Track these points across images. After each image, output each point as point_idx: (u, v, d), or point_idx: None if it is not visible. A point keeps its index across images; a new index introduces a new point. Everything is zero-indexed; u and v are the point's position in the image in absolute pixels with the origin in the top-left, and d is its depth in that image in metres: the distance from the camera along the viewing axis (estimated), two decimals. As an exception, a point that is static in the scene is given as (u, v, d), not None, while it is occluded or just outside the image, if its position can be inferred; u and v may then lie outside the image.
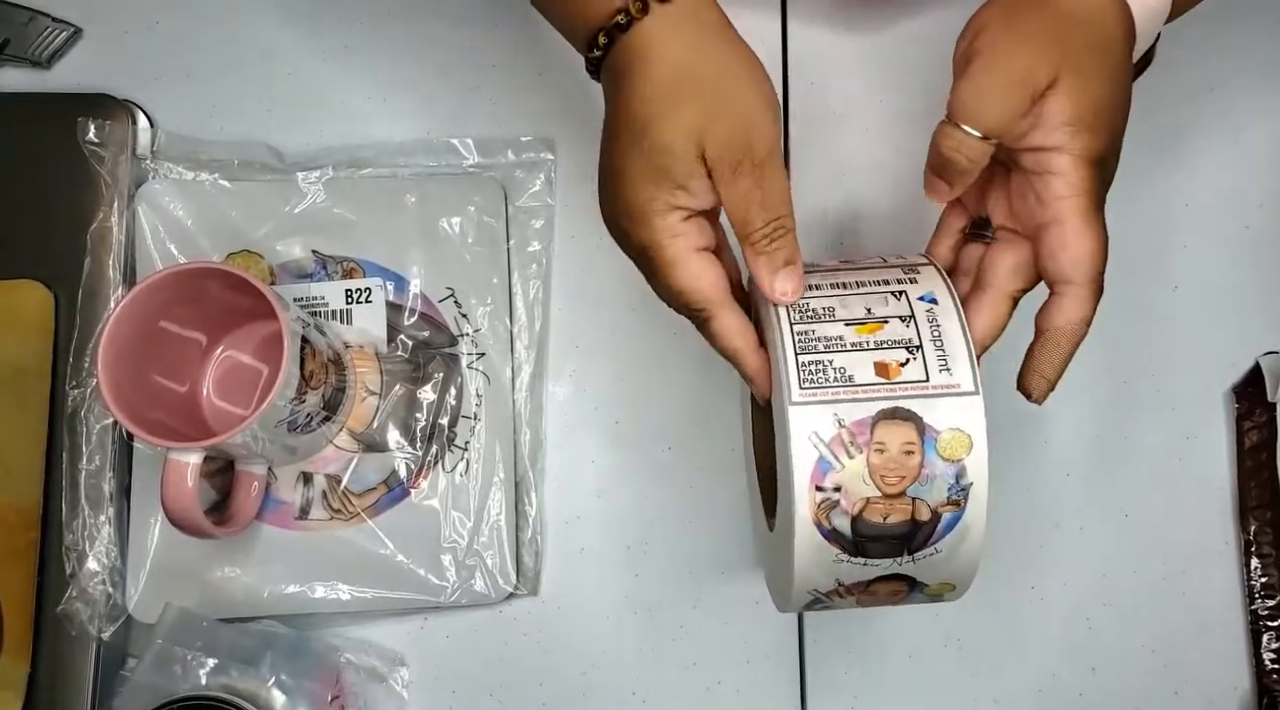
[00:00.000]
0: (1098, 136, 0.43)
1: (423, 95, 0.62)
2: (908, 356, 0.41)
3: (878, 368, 0.40)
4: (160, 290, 0.50)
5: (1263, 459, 0.57)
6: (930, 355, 0.41)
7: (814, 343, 0.42)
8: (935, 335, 0.41)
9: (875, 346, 0.41)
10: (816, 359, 0.41)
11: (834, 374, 0.41)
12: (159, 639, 0.51)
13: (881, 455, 0.40)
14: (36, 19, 0.61)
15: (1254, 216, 0.61)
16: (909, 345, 0.41)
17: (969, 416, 0.40)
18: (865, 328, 0.41)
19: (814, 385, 0.41)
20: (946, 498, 0.40)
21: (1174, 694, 0.57)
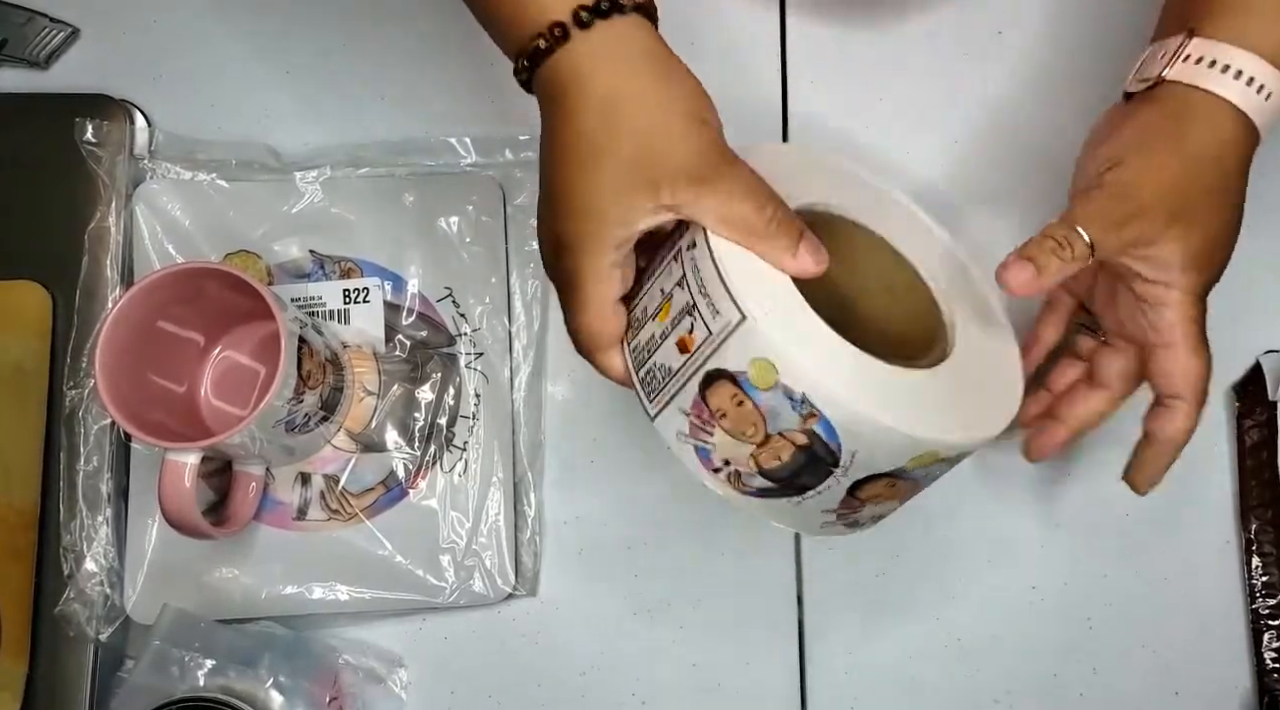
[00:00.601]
0: (1205, 272, 0.47)
1: (420, 94, 0.62)
2: (691, 321, 0.42)
3: (680, 346, 0.42)
4: (158, 290, 0.50)
5: (1263, 458, 0.57)
6: (702, 309, 0.41)
7: (641, 353, 0.44)
8: (700, 286, 0.42)
9: (673, 327, 0.42)
10: (648, 368, 0.43)
11: (660, 374, 0.43)
12: (157, 640, 0.51)
13: (727, 418, 0.42)
14: (34, 19, 0.61)
15: (1253, 216, 0.61)
16: (689, 309, 0.42)
17: (754, 343, 0.40)
18: (663, 314, 0.43)
19: (655, 393, 0.43)
20: (800, 418, 0.41)
21: (1174, 694, 0.57)
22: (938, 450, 0.43)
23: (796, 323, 0.42)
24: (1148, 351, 0.48)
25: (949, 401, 0.44)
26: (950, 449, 0.43)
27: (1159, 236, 0.45)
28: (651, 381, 0.43)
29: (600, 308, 0.44)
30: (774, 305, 0.41)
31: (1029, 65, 0.62)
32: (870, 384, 0.42)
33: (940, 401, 0.44)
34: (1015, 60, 0.62)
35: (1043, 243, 0.45)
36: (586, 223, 0.42)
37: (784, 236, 0.43)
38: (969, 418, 0.44)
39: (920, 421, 0.41)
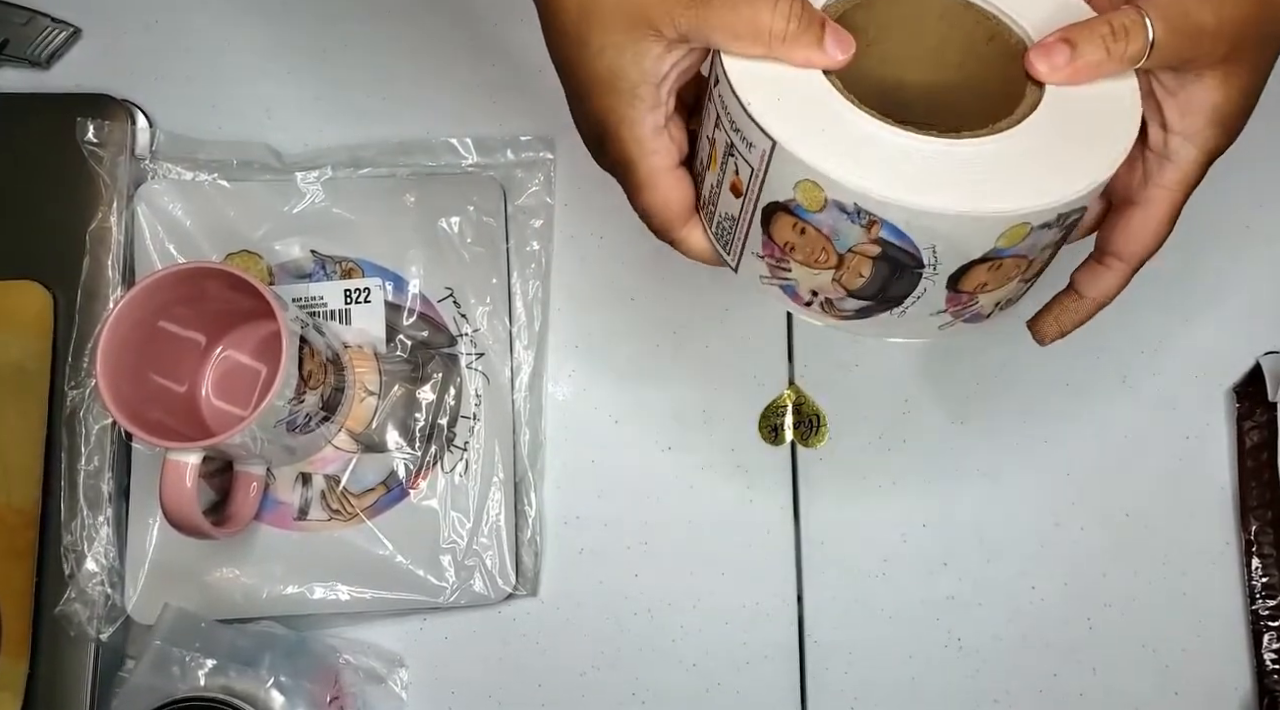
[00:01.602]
0: (1226, 136, 0.42)
1: (421, 95, 0.62)
2: (735, 162, 0.39)
3: (733, 190, 0.40)
4: (159, 290, 0.50)
5: (1263, 459, 0.57)
6: (739, 146, 0.38)
7: (709, 208, 0.42)
8: (731, 121, 0.38)
9: (723, 172, 0.40)
10: (717, 222, 0.42)
11: (727, 224, 0.41)
12: (157, 640, 0.51)
13: (796, 250, 0.40)
14: (35, 19, 0.61)
15: (1254, 216, 0.61)
16: (730, 150, 0.39)
17: (791, 166, 0.37)
18: (713, 162, 0.40)
19: (728, 244, 0.41)
20: (863, 229, 0.38)
21: (1174, 694, 0.57)
22: (1028, 219, 0.37)
23: (832, 128, 0.38)
24: (1121, 205, 0.44)
25: (1030, 162, 0.39)
26: (1042, 213, 0.37)
27: (1207, 69, 0.40)
28: (723, 235, 0.41)
29: (658, 179, 0.41)
30: (804, 118, 0.38)
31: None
32: (927, 168, 0.37)
33: (1019, 164, 0.38)
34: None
35: (1094, 28, 0.39)
36: (606, 94, 0.39)
37: (805, 34, 0.38)
38: (1061, 171, 0.39)
39: (993, 193, 0.37)
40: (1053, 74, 0.39)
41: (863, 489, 0.58)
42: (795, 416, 0.59)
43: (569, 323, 0.60)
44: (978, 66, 0.43)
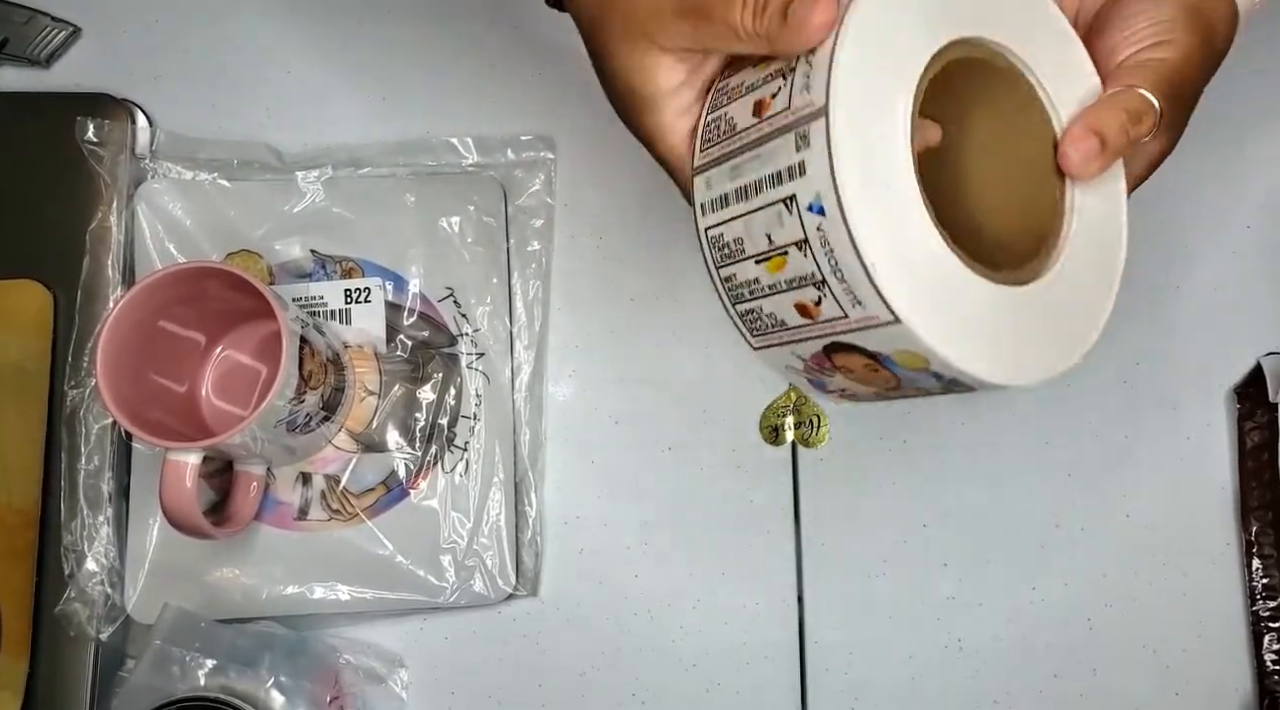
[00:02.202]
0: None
1: (422, 95, 0.61)
2: (818, 294, 0.37)
3: (799, 309, 0.38)
4: (159, 290, 0.50)
5: (1264, 459, 0.57)
6: (836, 290, 0.36)
7: (740, 290, 0.40)
8: (832, 264, 0.36)
9: (788, 286, 0.38)
10: (749, 308, 0.40)
11: (768, 321, 0.39)
12: (157, 640, 0.51)
13: (855, 373, 0.39)
14: (35, 18, 0.61)
15: (1255, 216, 0.61)
16: (814, 281, 0.37)
17: (906, 340, 0.36)
18: (771, 264, 0.38)
19: (760, 332, 0.40)
20: (940, 384, 0.38)
21: (1175, 695, 0.57)
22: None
23: (942, 295, 0.36)
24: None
25: (1056, 318, 0.39)
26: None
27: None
28: (756, 322, 0.40)
29: (679, 152, 0.40)
30: (918, 286, 0.36)
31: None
32: (996, 328, 0.38)
33: (1049, 319, 0.39)
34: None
35: (1114, 116, 0.39)
36: (632, 111, 0.40)
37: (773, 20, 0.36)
38: (1064, 339, 0.40)
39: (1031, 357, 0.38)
40: (1085, 170, 0.39)
41: (863, 489, 0.58)
42: (796, 417, 0.59)
43: (569, 323, 0.60)
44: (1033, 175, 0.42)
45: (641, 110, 0.40)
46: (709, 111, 0.39)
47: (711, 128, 0.39)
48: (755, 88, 0.38)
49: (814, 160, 0.35)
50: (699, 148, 0.39)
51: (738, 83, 0.39)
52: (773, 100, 0.36)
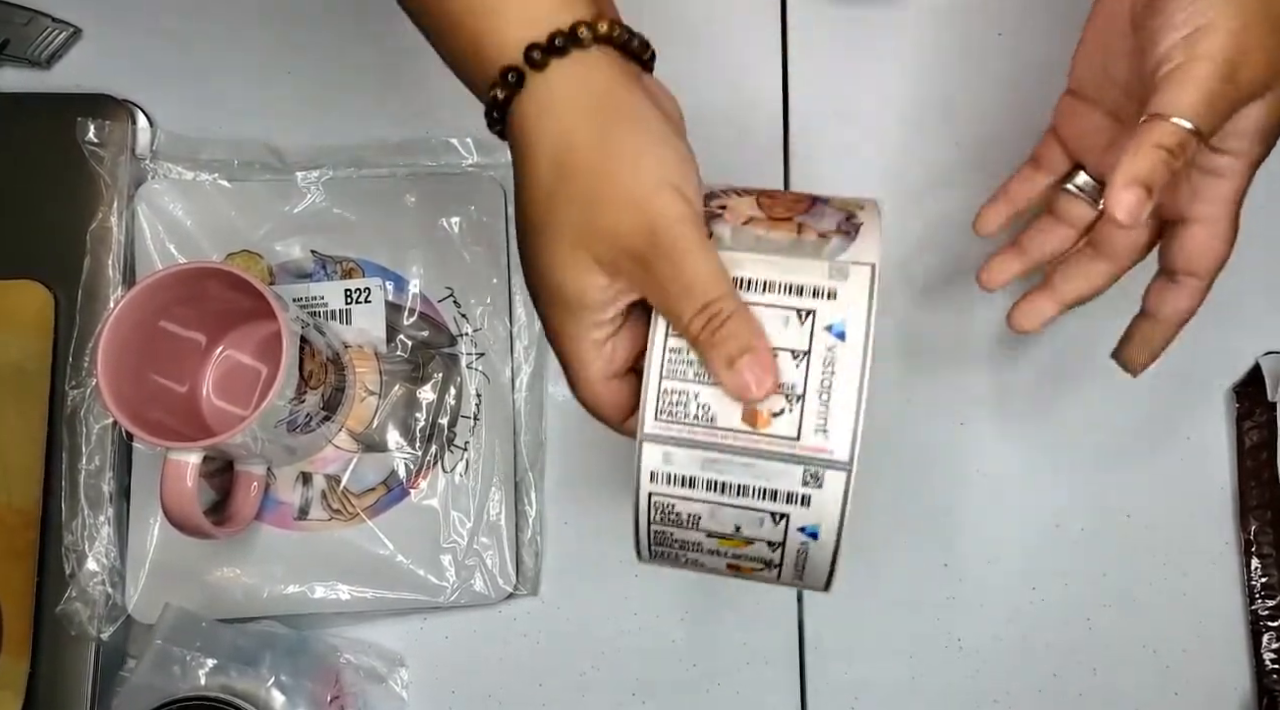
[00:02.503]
0: (1270, 146, 0.42)
1: (422, 95, 0.61)
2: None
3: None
4: (160, 290, 0.50)
5: (1263, 459, 0.57)
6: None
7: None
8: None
9: (733, 557, 0.37)
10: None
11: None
12: (158, 639, 0.51)
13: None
14: (36, 19, 0.61)
15: (1255, 216, 0.61)
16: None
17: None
18: (728, 542, 0.37)
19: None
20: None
21: (1174, 694, 0.57)
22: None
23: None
24: (1177, 223, 0.43)
25: None
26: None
27: (1258, 94, 0.39)
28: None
29: (592, 386, 0.39)
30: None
31: (1029, 65, 0.62)
32: None
33: None
34: (1015, 60, 0.62)
35: (1151, 155, 0.38)
36: (551, 305, 0.38)
37: (720, 347, 0.35)
38: None
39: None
40: (1135, 221, 0.38)
41: (863, 489, 0.58)
42: (795, 416, 0.59)
43: (569, 323, 0.60)
44: None
45: (563, 311, 0.38)
46: (665, 375, 0.36)
47: (676, 402, 0.36)
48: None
49: (823, 501, 0.36)
50: (653, 413, 0.36)
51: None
52: (773, 420, 0.35)
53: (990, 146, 0.61)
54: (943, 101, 0.62)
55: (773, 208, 0.39)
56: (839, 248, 0.37)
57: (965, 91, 0.62)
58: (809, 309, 0.36)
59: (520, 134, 0.37)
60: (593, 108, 0.36)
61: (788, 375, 0.35)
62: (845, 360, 0.35)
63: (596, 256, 0.36)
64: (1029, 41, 0.62)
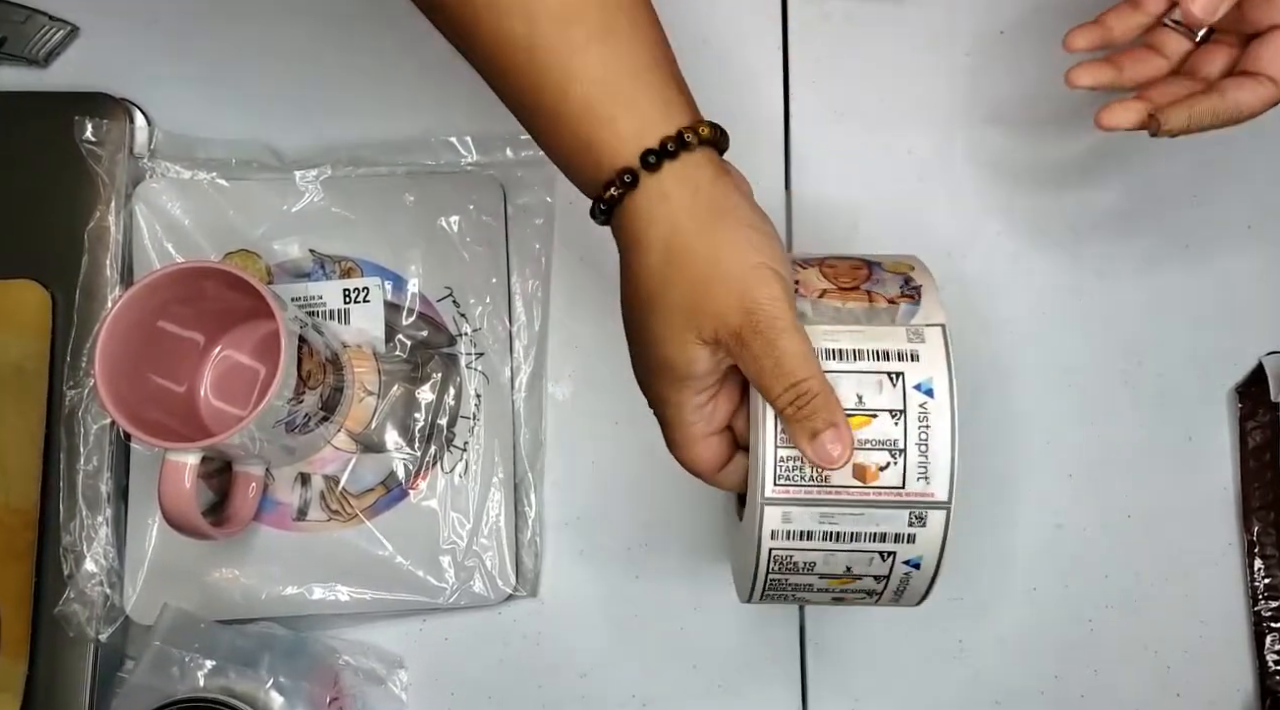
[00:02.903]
0: None
1: (421, 93, 0.61)
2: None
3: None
4: (158, 290, 0.50)
5: (1266, 459, 0.57)
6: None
7: (784, 587, 0.43)
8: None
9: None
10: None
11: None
12: (157, 640, 0.51)
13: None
14: (33, 17, 0.61)
15: (1257, 216, 0.61)
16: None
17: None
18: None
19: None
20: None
21: (1176, 696, 0.56)
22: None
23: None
24: (1261, 34, 0.47)
25: None
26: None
27: None
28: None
29: (692, 444, 0.44)
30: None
31: (1031, 63, 0.62)
32: None
33: None
34: (1017, 58, 0.62)
35: None
36: (659, 375, 0.43)
37: (806, 422, 0.40)
38: None
39: None
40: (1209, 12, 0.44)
41: (863, 489, 0.58)
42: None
43: (569, 322, 0.60)
44: None
45: (670, 380, 0.42)
46: (779, 444, 0.41)
47: (791, 468, 0.41)
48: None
49: (927, 537, 0.42)
50: (771, 478, 0.41)
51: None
52: (880, 473, 0.41)
53: (991, 145, 0.61)
54: (943, 101, 0.62)
55: (838, 278, 0.44)
56: (909, 312, 0.42)
57: (966, 91, 0.62)
58: (898, 372, 0.41)
59: (631, 226, 0.42)
60: (697, 201, 0.41)
61: (889, 432, 0.41)
62: (936, 414, 0.41)
63: (701, 332, 0.41)
64: (1029, 41, 0.62)
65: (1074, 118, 0.61)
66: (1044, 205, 0.61)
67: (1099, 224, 0.60)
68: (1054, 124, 0.61)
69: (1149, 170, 0.61)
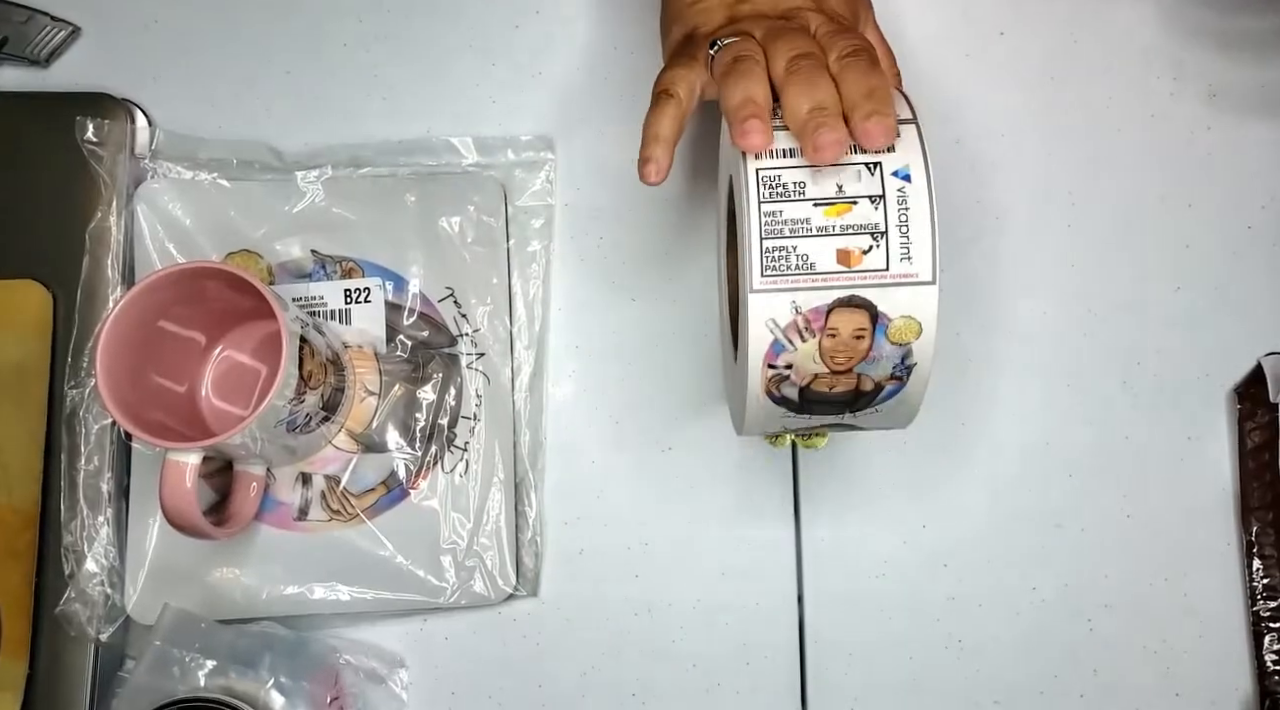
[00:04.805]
0: None
1: (422, 94, 0.61)
2: (871, 243, 0.41)
3: (839, 255, 0.41)
4: (159, 290, 0.50)
5: (1265, 460, 0.57)
6: (894, 242, 0.41)
7: (780, 226, 0.42)
8: (902, 220, 0.41)
9: (840, 231, 0.42)
10: (781, 245, 0.42)
11: (796, 260, 0.42)
12: (157, 640, 0.51)
13: (833, 339, 0.42)
14: (35, 17, 0.61)
15: (1256, 217, 0.61)
16: (874, 231, 0.41)
17: (922, 304, 0.42)
18: (833, 209, 0.42)
19: (775, 273, 0.42)
20: (890, 374, 0.43)
21: (1175, 695, 0.57)
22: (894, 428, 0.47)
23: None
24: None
25: None
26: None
27: None
28: (778, 260, 0.42)
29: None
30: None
31: (1031, 62, 0.62)
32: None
33: None
34: (1018, 57, 0.62)
35: None
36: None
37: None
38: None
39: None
40: None
41: (863, 489, 0.58)
42: (796, 417, 0.59)
43: (569, 323, 0.60)
44: None
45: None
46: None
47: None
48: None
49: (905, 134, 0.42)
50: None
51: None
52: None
53: (991, 146, 0.61)
54: (944, 100, 0.62)
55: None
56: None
57: (967, 90, 0.62)
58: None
59: None
60: None
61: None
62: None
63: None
64: (1030, 39, 0.62)
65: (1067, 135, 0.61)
66: (1045, 204, 0.61)
67: (1099, 224, 0.60)
68: (1056, 128, 0.61)
69: (1148, 170, 0.61)
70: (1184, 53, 0.62)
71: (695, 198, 0.60)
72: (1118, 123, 0.61)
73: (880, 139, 0.41)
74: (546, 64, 0.62)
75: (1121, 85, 0.62)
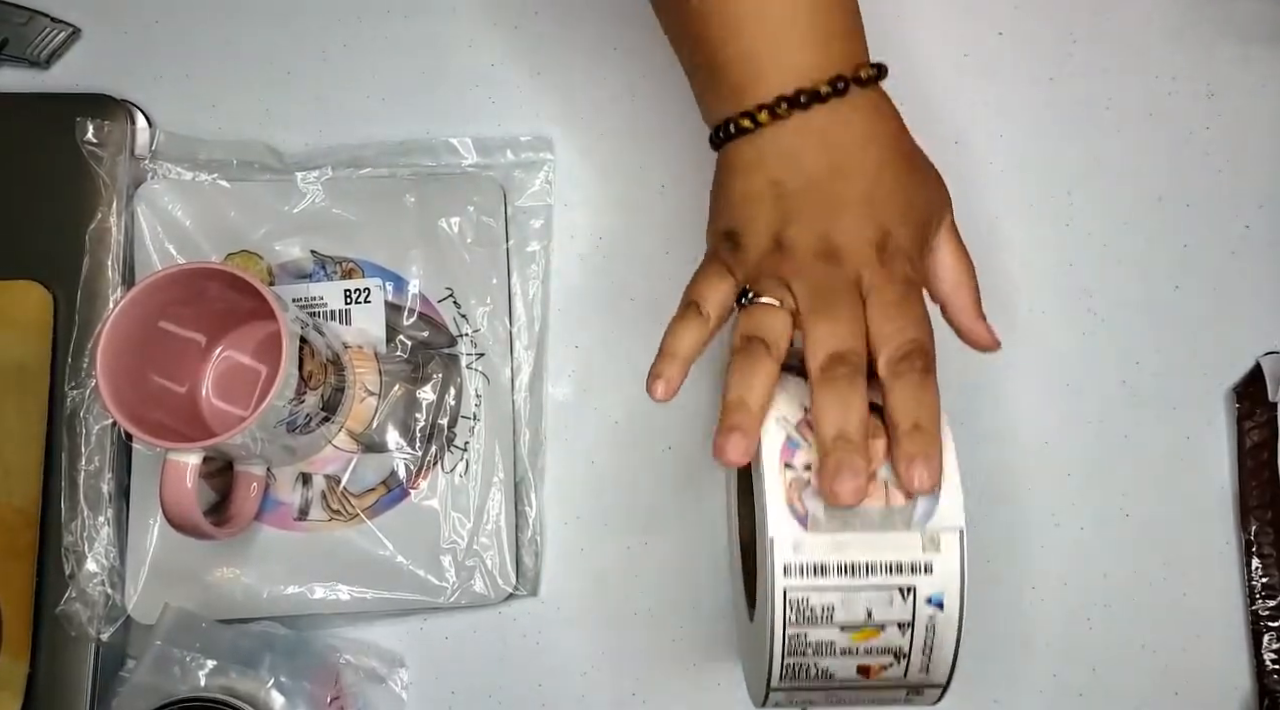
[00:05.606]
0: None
1: (422, 95, 0.62)
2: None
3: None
4: (159, 290, 0.50)
5: (1263, 459, 0.57)
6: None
7: (804, 647, 0.42)
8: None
9: (864, 653, 0.41)
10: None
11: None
12: (158, 640, 0.51)
13: None
14: (35, 19, 0.61)
15: (1255, 216, 0.61)
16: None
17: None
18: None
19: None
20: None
21: (1174, 694, 0.57)
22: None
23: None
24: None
25: None
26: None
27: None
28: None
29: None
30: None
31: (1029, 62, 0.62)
32: None
33: None
34: (1018, 56, 0.62)
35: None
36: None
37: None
38: None
39: None
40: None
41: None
42: (795, 416, 0.59)
43: (569, 323, 0.60)
44: None
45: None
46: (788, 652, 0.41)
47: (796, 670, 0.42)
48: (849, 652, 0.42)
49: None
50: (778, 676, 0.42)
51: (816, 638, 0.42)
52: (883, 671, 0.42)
53: (991, 146, 0.61)
54: (943, 100, 0.62)
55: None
56: (926, 512, 0.41)
57: (966, 89, 0.62)
58: (909, 586, 0.40)
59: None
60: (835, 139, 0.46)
61: (895, 641, 0.41)
62: (944, 624, 0.41)
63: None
64: (1030, 39, 0.62)
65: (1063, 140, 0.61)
66: (1044, 204, 0.61)
67: (1098, 224, 0.60)
68: (1056, 128, 0.61)
69: (1147, 170, 0.61)
70: (1183, 53, 0.62)
71: (695, 197, 0.60)
72: (1117, 122, 0.61)
73: (919, 488, 0.40)
74: (546, 64, 0.62)
75: (1121, 85, 0.62)
